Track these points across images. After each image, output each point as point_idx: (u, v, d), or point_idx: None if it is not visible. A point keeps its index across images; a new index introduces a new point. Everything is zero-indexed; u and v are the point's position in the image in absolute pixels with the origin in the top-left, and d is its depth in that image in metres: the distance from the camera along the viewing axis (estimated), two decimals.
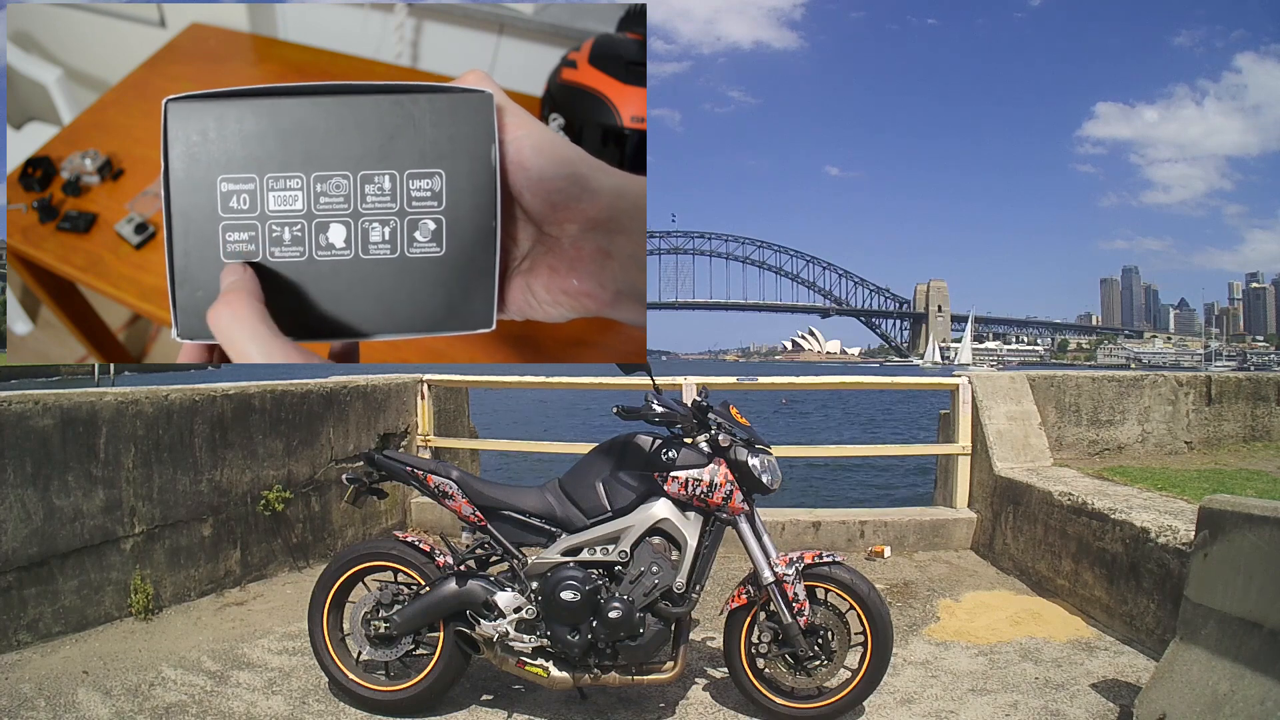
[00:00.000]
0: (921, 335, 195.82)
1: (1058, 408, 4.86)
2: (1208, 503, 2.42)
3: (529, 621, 2.43)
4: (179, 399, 3.57)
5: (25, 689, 2.64)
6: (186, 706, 2.56)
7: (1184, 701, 2.21)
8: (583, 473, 2.52)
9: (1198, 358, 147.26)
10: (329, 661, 2.60)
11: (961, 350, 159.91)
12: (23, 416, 3.02)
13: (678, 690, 2.69)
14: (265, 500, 3.91)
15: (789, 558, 2.46)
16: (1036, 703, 2.62)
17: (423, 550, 2.58)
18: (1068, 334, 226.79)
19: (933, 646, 3.14)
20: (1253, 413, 5.26)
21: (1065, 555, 3.64)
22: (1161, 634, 2.88)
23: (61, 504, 3.10)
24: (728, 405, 2.53)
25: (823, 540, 4.48)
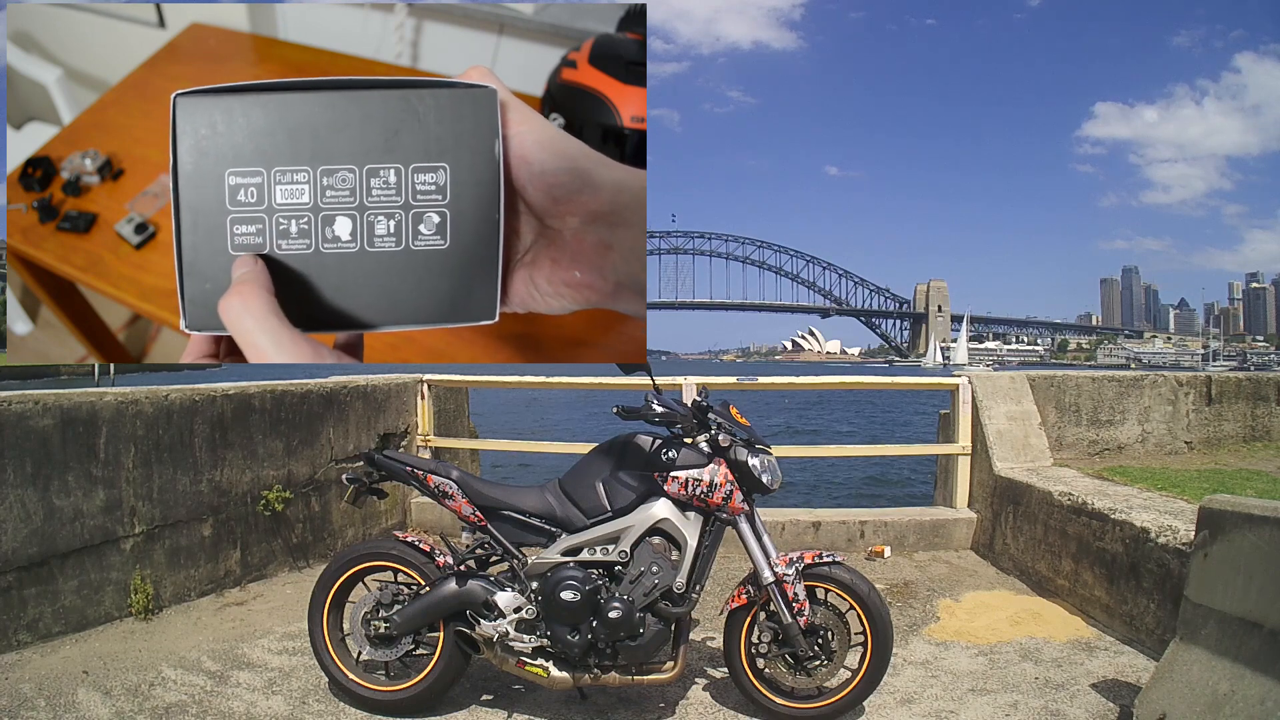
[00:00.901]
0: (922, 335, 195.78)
1: (1058, 408, 4.86)
2: (1208, 503, 2.42)
3: (529, 621, 2.43)
4: (179, 399, 3.57)
5: (25, 689, 2.64)
6: (186, 706, 2.56)
7: (1184, 701, 2.21)
8: (583, 473, 2.52)
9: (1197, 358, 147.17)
10: (329, 661, 2.60)
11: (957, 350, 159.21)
12: (23, 416, 3.01)
13: (678, 690, 2.69)
14: (265, 500, 3.91)
15: (789, 558, 2.46)
16: (1036, 703, 2.62)
17: (423, 550, 2.58)
18: (1068, 334, 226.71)
19: (933, 646, 3.14)
20: (1253, 413, 5.26)
21: (1065, 555, 3.64)
22: (1161, 634, 2.88)
23: (61, 504, 3.10)
24: (728, 405, 2.53)
25: (823, 540, 4.48)
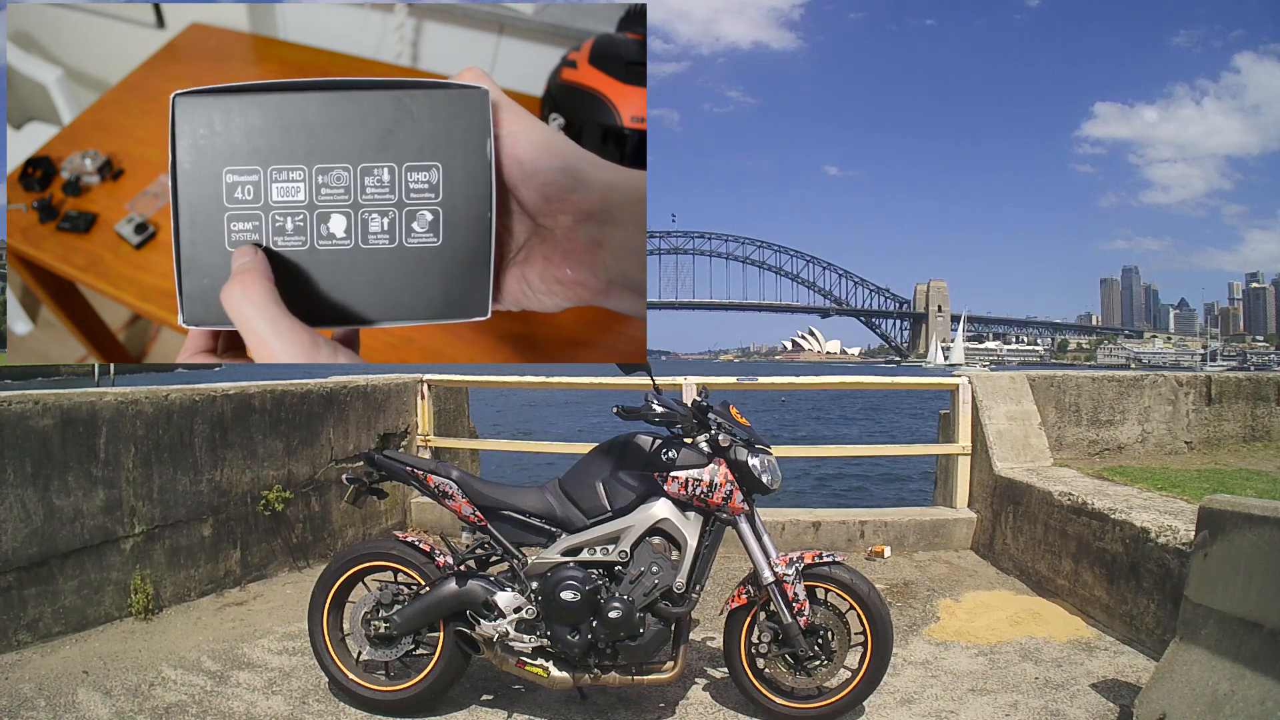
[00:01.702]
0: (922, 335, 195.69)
1: (1058, 408, 4.86)
2: (1208, 503, 2.41)
3: (529, 621, 2.43)
4: (179, 399, 3.57)
5: (25, 689, 2.64)
6: (186, 706, 2.56)
7: (1184, 701, 2.21)
8: (583, 473, 2.52)
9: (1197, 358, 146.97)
10: (329, 661, 2.60)
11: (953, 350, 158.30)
12: (23, 416, 3.01)
13: (678, 690, 2.69)
14: (265, 500, 3.91)
15: (789, 558, 2.46)
16: (1036, 703, 2.62)
17: (423, 550, 2.58)
18: (1068, 334, 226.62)
19: (933, 646, 3.14)
20: (1253, 413, 5.26)
21: (1065, 555, 3.64)
22: (1161, 634, 2.88)
23: (61, 504, 3.10)
24: (728, 405, 2.53)
25: (823, 540, 4.48)
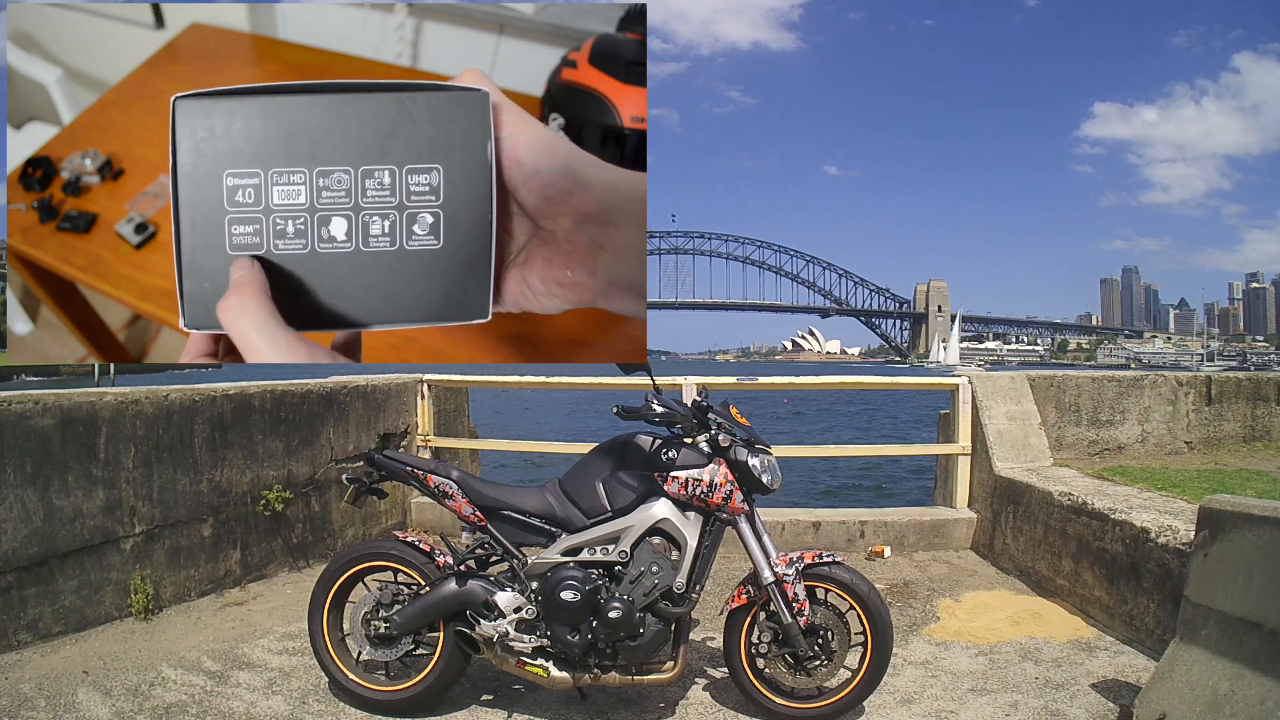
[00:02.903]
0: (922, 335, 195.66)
1: (1058, 408, 4.86)
2: (1208, 503, 2.42)
3: (529, 621, 2.43)
4: (179, 399, 3.57)
5: (25, 689, 2.64)
6: (186, 706, 2.56)
7: (1184, 701, 2.21)
8: (583, 473, 2.52)
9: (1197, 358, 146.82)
10: (329, 661, 2.60)
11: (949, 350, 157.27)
12: (23, 416, 3.01)
13: (678, 690, 2.69)
14: (265, 500, 3.91)
15: (789, 558, 2.46)
16: (1036, 703, 2.62)
17: (423, 550, 2.58)
18: (1068, 334, 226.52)
19: (933, 646, 3.14)
20: (1253, 413, 5.26)
21: (1065, 555, 3.64)
22: (1161, 634, 2.88)
23: (61, 504, 3.10)
24: (728, 405, 2.53)
25: (823, 540, 4.48)
